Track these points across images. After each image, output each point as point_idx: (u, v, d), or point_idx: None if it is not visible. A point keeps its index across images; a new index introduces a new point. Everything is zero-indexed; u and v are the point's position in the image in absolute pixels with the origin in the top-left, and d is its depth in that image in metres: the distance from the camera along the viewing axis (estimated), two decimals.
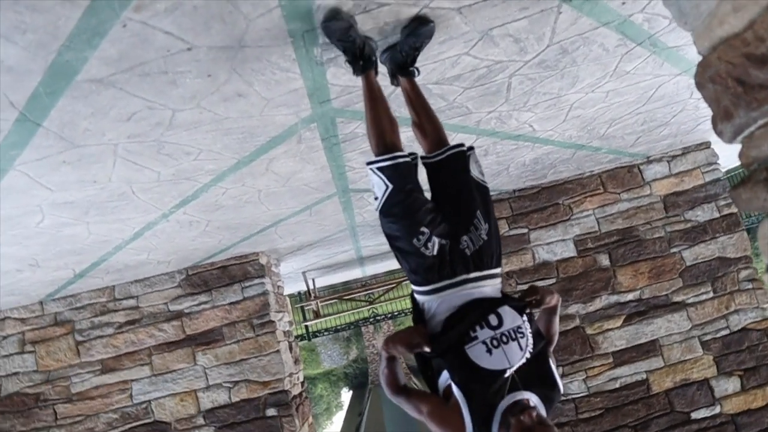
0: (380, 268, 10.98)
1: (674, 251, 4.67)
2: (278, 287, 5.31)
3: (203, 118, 1.96)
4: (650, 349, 4.55)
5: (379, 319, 16.23)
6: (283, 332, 4.89)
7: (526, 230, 4.73)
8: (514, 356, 1.43)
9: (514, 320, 1.48)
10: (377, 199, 1.58)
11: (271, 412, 4.45)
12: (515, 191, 4.76)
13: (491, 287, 1.57)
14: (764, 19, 0.92)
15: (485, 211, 1.62)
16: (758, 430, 4.44)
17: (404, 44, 1.70)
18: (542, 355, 1.51)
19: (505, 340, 1.43)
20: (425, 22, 1.66)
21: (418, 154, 1.72)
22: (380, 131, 1.60)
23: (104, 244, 3.28)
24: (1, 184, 2.06)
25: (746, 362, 4.53)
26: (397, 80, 1.86)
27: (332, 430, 28.50)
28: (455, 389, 1.42)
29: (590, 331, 4.58)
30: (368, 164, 1.60)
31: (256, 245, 4.47)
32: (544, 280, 4.66)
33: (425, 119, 1.79)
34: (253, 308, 4.58)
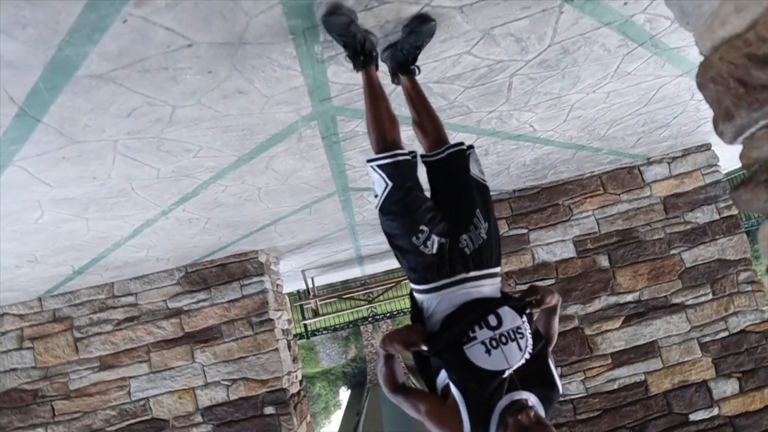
0: (379, 267, 10.98)
1: (674, 253, 4.67)
2: (277, 285, 5.30)
3: (203, 114, 1.96)
4: (649, 350, 4.55)
5: (378, 318, 16.24)
6: (281, 330, 4.89)
7: (525, 230, 4.73)
8: (513, 357, 1.42)
9: (513, 321, 1.47)
10: (377, 196, 1.57)
11: (269, 410, 4.46)
12: (515, 191, 4.76)
13: (490, 286, 1.57)
14: (766, 19, 0.92)
15: (485, 210, 1.62)
16: None
17: (405, 42, 1.69)
18: (541, 355, 1.50)
19: (504, 340, 1.43)
20: (426, 20, 1.65)
21: (417, 152, 1.72)
22: (381, 129, 1.60)
23: (103, 240, 3.27)
24: (0, 179, 2.06)
25: (745, 364, 4.53)
26: (397, 79, 1.86)
27: (330, 429, 28.51)
28: (453, 388, 1.42)
29: (589, 331, 4.58)
30: (368, 162, 1.60)
31: (255, 243, 4.47)
32: (543, 280, 4.66)
33: (426, 118, 1.79)
34: (251, 306, 4.58)
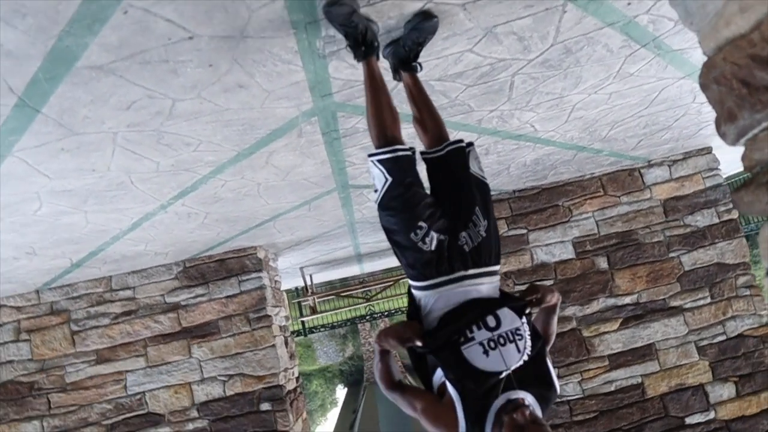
0: (378, 265, 10.97)
1: (673, 256, 4.66)
2: (275, 282, 5.30)
3: (203, 108, 1.95)
4: (646, 353, 4.55)
5: (376, 316, 16.22)
6: (279, 327, 4.88)
7: (525, 231, 4.73)
8: (511, 358, 1.41)
9: (512, 322, 1.46)
10: (377, 191, 1.57)
11: (265, 406, 4.45)
12: (515, 191, 4.75)
13: (489, 285, 1.56)
14: None
15: (484, 208, 1.61)
16: None
17: (407, 39, 1.69)
18: (540, 354, 1.50)
19: (502, 342, 1.42)
20: (429, 17, 1.65)
21: (415, 148, 1.71)
22: (381, 123, 1.59)
23: (102, 233, 3.27)
24: None
25: (742, 368, 4.53)
26: (399, 75, 1.85)
27: (327, 426, 28.53)
28: (449, 387, 1.41)
29: (587, 333, 4.57)
30: (369, 156, 1.59)
31: (254, 239, 4.46)
32: (542, 281, 4.65)
33: (427, 115, 1.78)
34: (249, 302, 4.58)
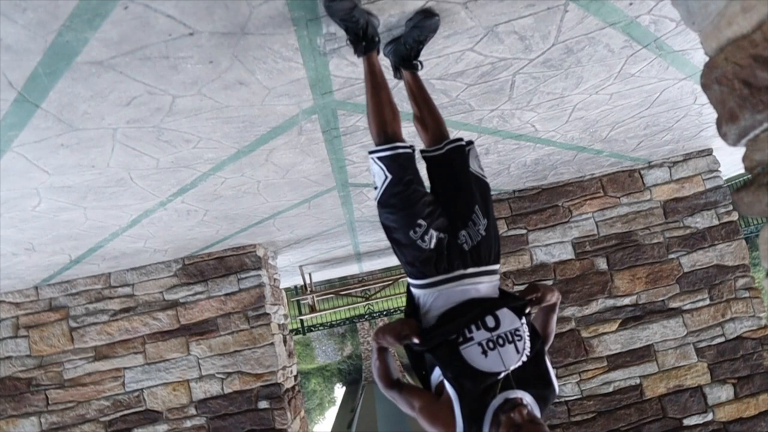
0: (377, 264, 10.98)
1: (672, 257, 4.66)
2: (274, 280, 5.30)
3: (204, 105, 1.95)
4: (645, 354, 4.55)
5: (374, 315, 16.24)
6: (277, 325, 4.88)
7: (524, 231, 4.73)
8: (509, 359, 1.41)
9: (512, 323, 1.46)
10: (376, 188, 1.56)
11: (263, 404, 4.45)
12: (515, 192, 4.75)
13: (488, 284, 1.56)
14: None
15: (484, 207, 1.60)
16: None
17: (408, 37, 1.68)
18: (539, 354, 1.49)
19: (501, 342, 1.42)
20: (430, 15, 1.64)
21: (415, 146, 1.71)
22: (382, 120, 1.58)
23: (101, 230, 3.26)
24: None
25: (740, 370, 4.53)
26: (400, 73, 1.85)
27: (324, 425, 28.54)
28: (447, 385, 1.41)
29: (585, 334, 4.57)
30: (370, 153, 1.59)
31: (253, 237, 4.46)
32: (541, 281, 4.65)
33: (427, 113, 1.78)
34: (248, 300, 4.57)
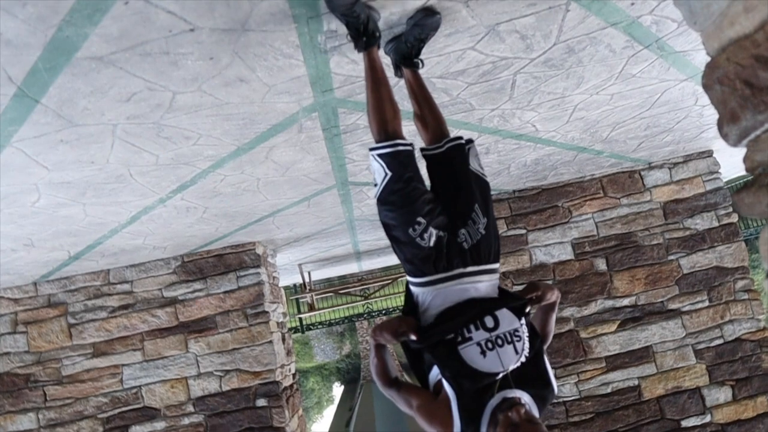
0: (377, 263, 10.98)
1: (672, 258, 4.66)
2: (273, 278, 5.29)
3: (204, 101, 1.94)
4: (643, 355, 4.55)
5: (373, 314, 16.25)
6: (276, 323, 4.88)
7: (524, 231, 4.72)
8: (508, 360, 1.41)
9: (511, 323, 1.46)
10: (376, 185, 1.56)
11: (261, 402, 4.45)
12: (515, 192, 4.74)
13: (488, 283, 1.55)
14: None
15: (484, 205, 1.60)
16: None
17: (409, 35, 1.68)
18: (538, 354, 1.49)
19: (500, 343, 1.41)
20: (432, 13, 1.64)
21: (414, 144, 1.71)
22: (382, 117, 1.57)
23: (100, 226, 3.26)
24: None
25: (739, 372, 4.53)
26: (401, 71, 1.84)
27: (322, 424, 28.56)
28: (445, 384, 1.41)
29: (584, 334, 4.57)
30: (370, 150, 1.58)
31: (253, 235, 4.45)
32: (541, 281, 4.64)
33: (428, 111, 1.78)
34: (247, 298, 4.57)
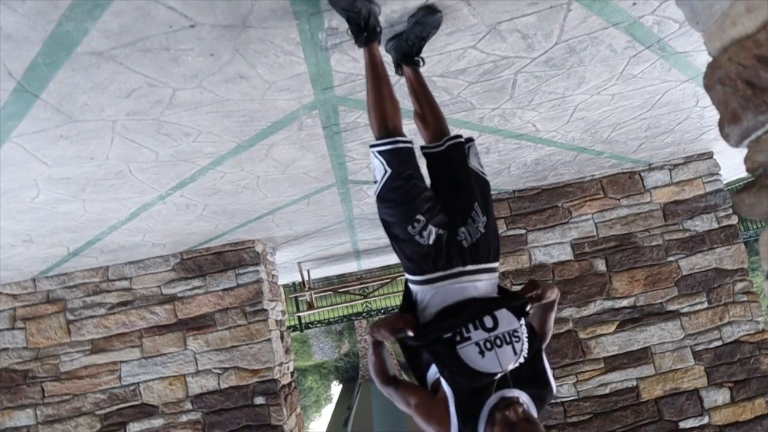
0: (376, 262, 10.98)
1: (671, 260, 4.66)
2: (272, 276, 5.29)
3: (204, 98, 1.94)
4: (642, 356, 4.55)
5: (372, 313, 16.25)
6: (275, 321, 4.87)
7: (523, 231, 4.72)
8: (506, 360, 1.40)
9: (510, 323, 1.45)
10: (376, 182, 1.56)
11: (259, 400, 4.45)
12: (515, 192, 4.74)
13: (487, 281, 1.55)
14: None
15: (484, 204, 1.60)
16: None
17: (410, 33, 1.67)
18: (537, 354, 1.48)
19: (499, 343, 1.41)
20: (433, 11, 1.63)
21: (414, 142, 1.70)
22: (382, 113, 1.57)
23: (99, 222, 3.25)
24: None
25: (737, 374, 4.53)
26: (401, 70, 1.84)
27: (321, 422, 28.56)
28: (444, 383, 1.41)
29: (583, 335, 4.57)
30: (371, 147, 1.58)
31: (252, 233, 4.45)
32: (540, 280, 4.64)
33: (428, 110, 1.77)
34: (246, 296, 4.57)
